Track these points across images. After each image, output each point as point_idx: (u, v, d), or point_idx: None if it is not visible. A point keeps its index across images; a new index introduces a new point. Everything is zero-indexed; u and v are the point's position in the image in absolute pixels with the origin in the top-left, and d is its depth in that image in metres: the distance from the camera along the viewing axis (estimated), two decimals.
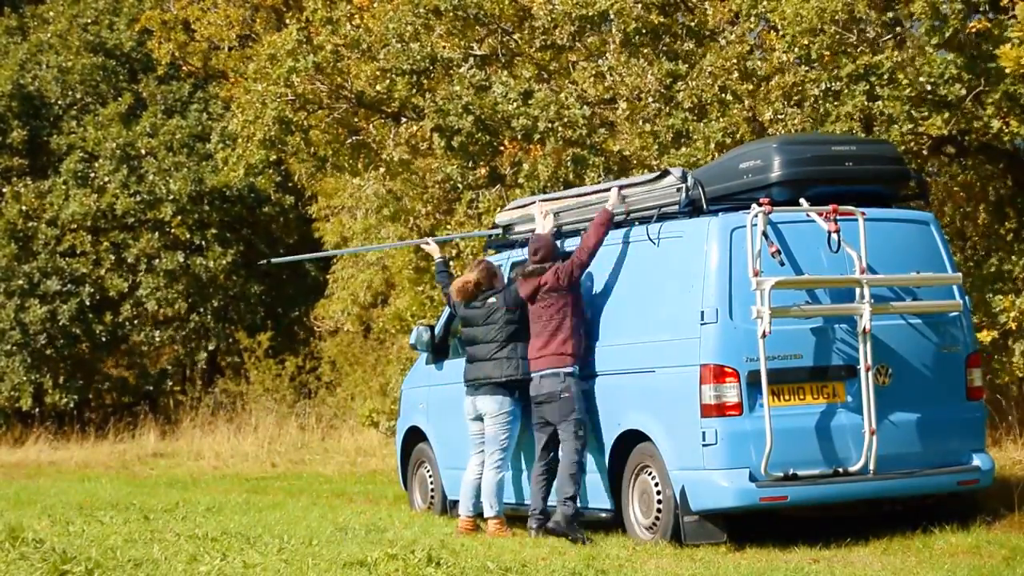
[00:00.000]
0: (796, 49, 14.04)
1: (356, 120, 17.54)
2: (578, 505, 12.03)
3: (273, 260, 16.88)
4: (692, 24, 15.33)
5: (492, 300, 12.89)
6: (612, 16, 15.17)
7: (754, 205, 11.21)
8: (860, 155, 11.85)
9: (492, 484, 12.79)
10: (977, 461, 11.68)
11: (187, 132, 27.72)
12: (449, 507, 14.13)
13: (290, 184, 26.83)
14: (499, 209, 15.12)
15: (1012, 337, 14.18)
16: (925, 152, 14.80)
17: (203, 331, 28.24)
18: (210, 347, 28.18)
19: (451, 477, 14.02)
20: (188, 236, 27.57)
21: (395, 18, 16.39)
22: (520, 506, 13.12)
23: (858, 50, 14.13)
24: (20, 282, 27.11)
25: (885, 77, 13.88)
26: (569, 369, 12.11)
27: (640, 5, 15.04)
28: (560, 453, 12.16)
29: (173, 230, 27.44)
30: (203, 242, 27.73)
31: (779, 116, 14.05)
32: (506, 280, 13.13)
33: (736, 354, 11.09)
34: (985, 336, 13.64)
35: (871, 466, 11.18)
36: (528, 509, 12.53)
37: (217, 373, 28.52)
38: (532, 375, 12.31)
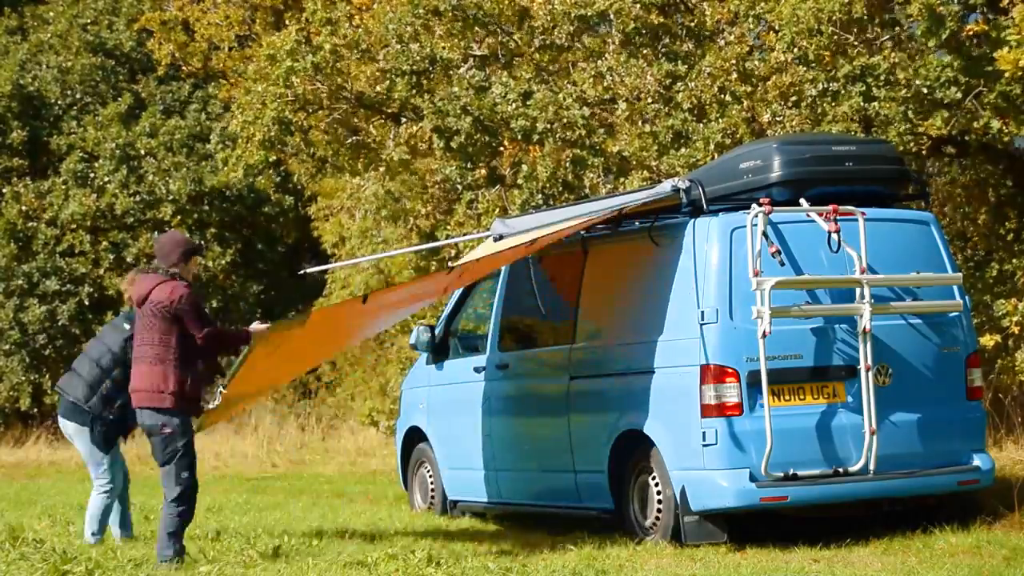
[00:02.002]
0: (795, 50, 14.04)
1: (356, 120, 17.55)
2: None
3: (308, 269, 17.20)
4: (691, 25, 15.34)
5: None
6: (611, 16, 15.18)
7: (754, 205, 11.19)
8: (860, 155, 11.82)
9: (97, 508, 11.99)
10: (977, 461, 11.66)
11: (186, 132, 27.72)
12: (450, 507, 14.14)
13: (289, 184, 26.82)
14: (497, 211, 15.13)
15: (1014, 340, 14.17)
16: (925, 152, 14.79)
17: None
18: None
19: (452, 477, 14.03)
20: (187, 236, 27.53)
21: (394, 19, 16.40)
22: (508, 504, 13.16)
23: (855, 51, 14.13)
24: (19, 282, 27.08)
25: (882, 78, 13.89)
26: (169, 407, 10.36)
27: (639, 5, 15.04)
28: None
29: (173, 230, 27.42)
30: (202, 242, 27.71)
31: (777, 118, 14.05)
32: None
33: (736, 354, 11.07)
34: (988, 340, 13.62)
35: (871, 466, 11.16)
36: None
37: (217, 373, 28.45)
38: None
